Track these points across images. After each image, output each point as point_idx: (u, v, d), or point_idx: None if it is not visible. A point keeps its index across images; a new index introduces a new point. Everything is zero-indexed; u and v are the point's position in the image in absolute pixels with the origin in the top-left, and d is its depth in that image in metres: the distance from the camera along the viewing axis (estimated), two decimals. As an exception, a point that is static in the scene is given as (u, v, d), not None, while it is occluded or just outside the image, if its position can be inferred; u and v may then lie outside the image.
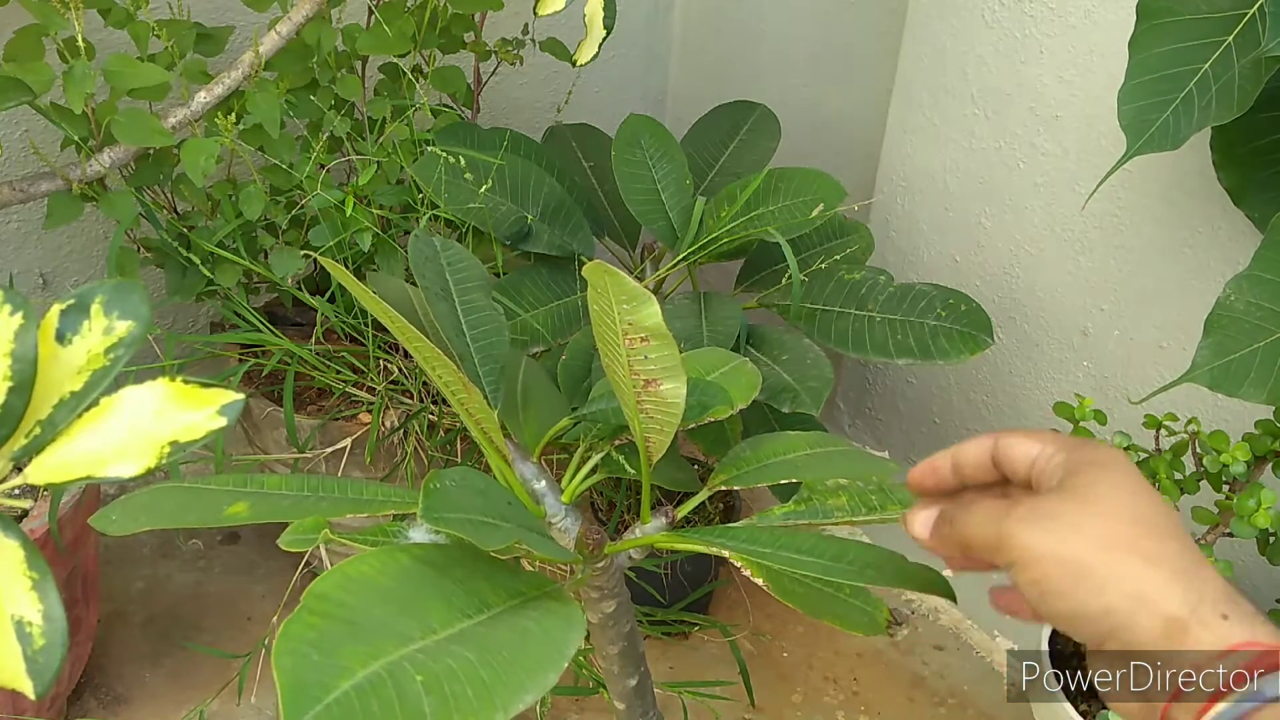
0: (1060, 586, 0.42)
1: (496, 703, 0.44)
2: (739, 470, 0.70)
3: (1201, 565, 0.42)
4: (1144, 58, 0.89)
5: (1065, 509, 0.44)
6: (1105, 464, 0.46)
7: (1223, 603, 0.41)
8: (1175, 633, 0.41)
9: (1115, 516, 0.43)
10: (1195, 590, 0.41)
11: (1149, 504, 0.44)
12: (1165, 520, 0.44)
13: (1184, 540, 0.43)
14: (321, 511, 0.60)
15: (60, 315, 0.51)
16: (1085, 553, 0.42)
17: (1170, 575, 0.42)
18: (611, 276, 0.53)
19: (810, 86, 1.54)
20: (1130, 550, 0.42)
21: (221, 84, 1.08)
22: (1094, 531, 0.43)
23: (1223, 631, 0.40)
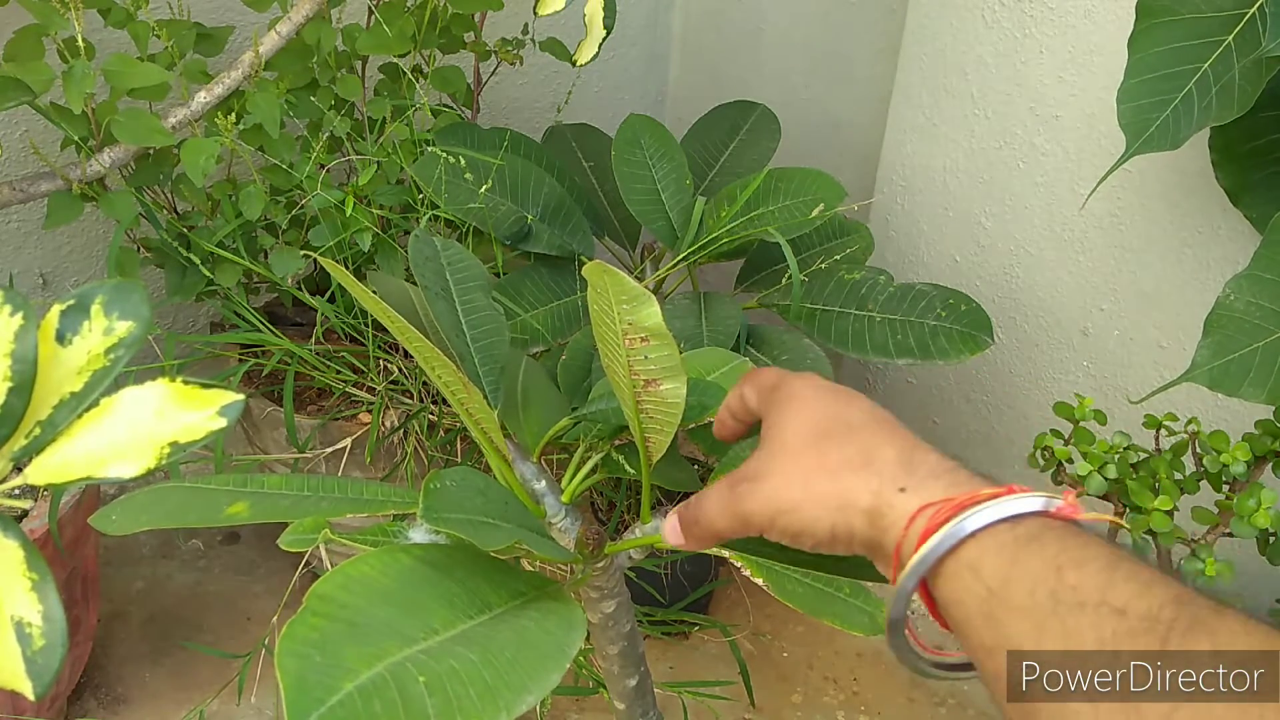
0: (798, 530, 0.47)
1: (500, 703, 0.44)
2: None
3: (876, 450, 0.46)
4: (1143, 57, 0.89)
5: (765, 464, 0.49)
6: (786, 397, 0.51)
7: (900, 476, 0.45)
8: (876, 521, 0.45)
9: (799, 448, 0.48)
10: (874, 477, 0.45)
11: (824, 415, 0.49)
12: (839, 424, 0.48)
13: (858, 434, 0.48)
14: (321, 511, 0.60)
15: (60, 315, 0.51)
16: (792, 494, 0.47)
17: (855, 475, 0.46)
18: (611, 276, 0.53)
19: (810, 86, 1.54)
20: (819, 471, 0.47)
21: (221, 84, 1.08)
22: (790, 471, 0.48)
23: (903, 505, 0.44)
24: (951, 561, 0.42)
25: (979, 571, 0.42)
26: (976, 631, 0.42)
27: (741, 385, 0.56)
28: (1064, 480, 1.00)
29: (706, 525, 0.51)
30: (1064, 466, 1.00)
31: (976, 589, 0.42)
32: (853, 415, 0.49)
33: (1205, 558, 0.94)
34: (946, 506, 0.43)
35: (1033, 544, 0.41)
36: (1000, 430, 1.39)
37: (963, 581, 0.42)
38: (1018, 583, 0.40)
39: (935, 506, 0.43)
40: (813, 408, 0.50)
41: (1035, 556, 0.40)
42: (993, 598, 0.41)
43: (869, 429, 0.48)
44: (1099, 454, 0.97)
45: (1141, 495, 0.95)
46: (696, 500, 0.52)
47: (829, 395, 0.51)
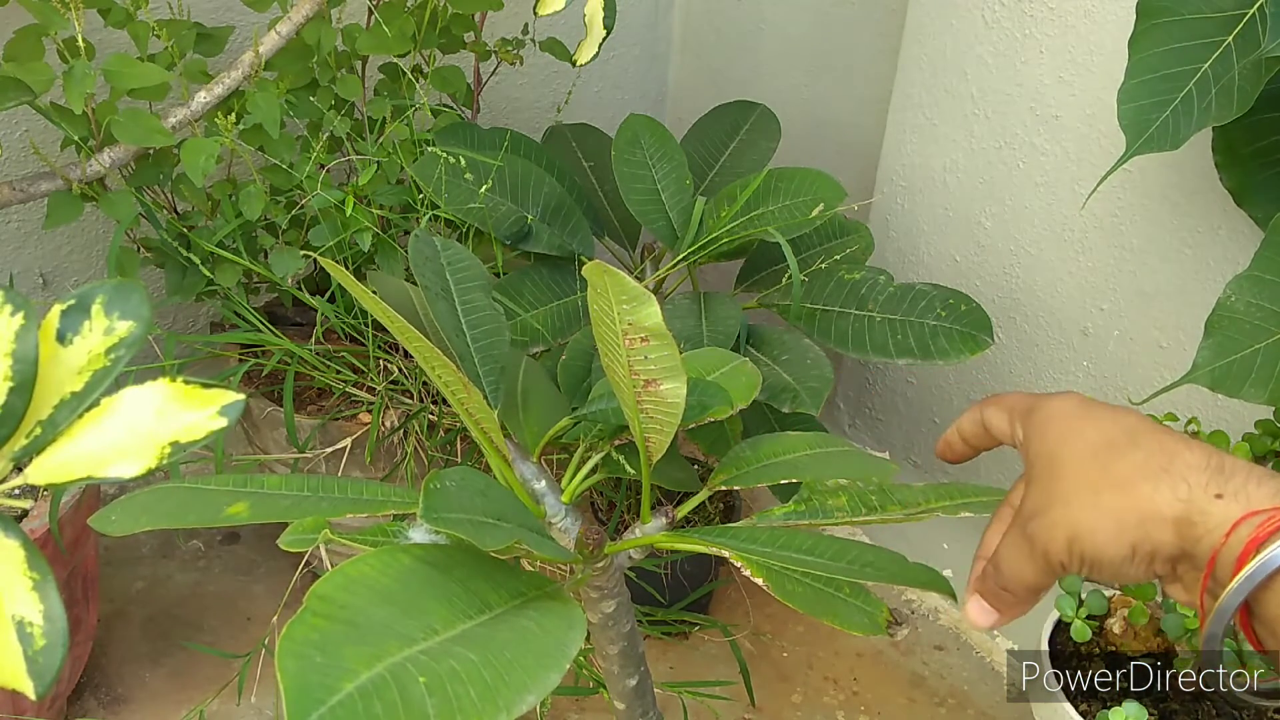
0: (1095, 556, 0.43)
1: (500, 703, 0.44)
2: (739, 470, 0.70)
3: (1175, 455, 0.42)
4: (1144, 57, 0.89)
5: (1046, 493, 0.45)
6: (1047, 419, 0.47)
7: (1213, 483, 0.41)
8: (1186, 531, 0.41)
9: (1079, 466, 0.44)
10: (1181, 483, 0.41)
11: (1100, 428, 0.45)
12: (1119, 434, 0.44)
13: (1145, 440, 0.44)
14: (321, 511, 0.60)
15: (61, 315, 0.51)
16: (1084, 516, 0.43)
17: (1154, 482, 0.42)
18: (611, 276, 0.53)
19: (810, 86, 1.54)
20: (1109, 484, 0.43)
21: (221, 84, 1.08)
22: (1075, 493, 0.43)
23: (1221, 512, 0.40)
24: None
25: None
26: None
27: (983, 408, 0.52)
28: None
29: (1017, 584, 0.46)
30: (1064, 466, 1.00)
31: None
32: (1133, 422, 0.45)
33: (1205, 558, 0.94)
34: (1277, 515, 0.39)
35: None
36: (1000, 430, 1.39)
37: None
38: None
39: (1265, 514, 0.39)
40: (1085, 423, 0.45)
41: None
42: None
43: (1155, 434, 0.44)
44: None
45: (1141, 495, 0.94)
46: (993, 565, 0.47)
47: (1098, 408, 0.46)
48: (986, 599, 0.48)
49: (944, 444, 0.55)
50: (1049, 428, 0.47)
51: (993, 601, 0.48)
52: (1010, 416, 0.50)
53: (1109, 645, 1.03)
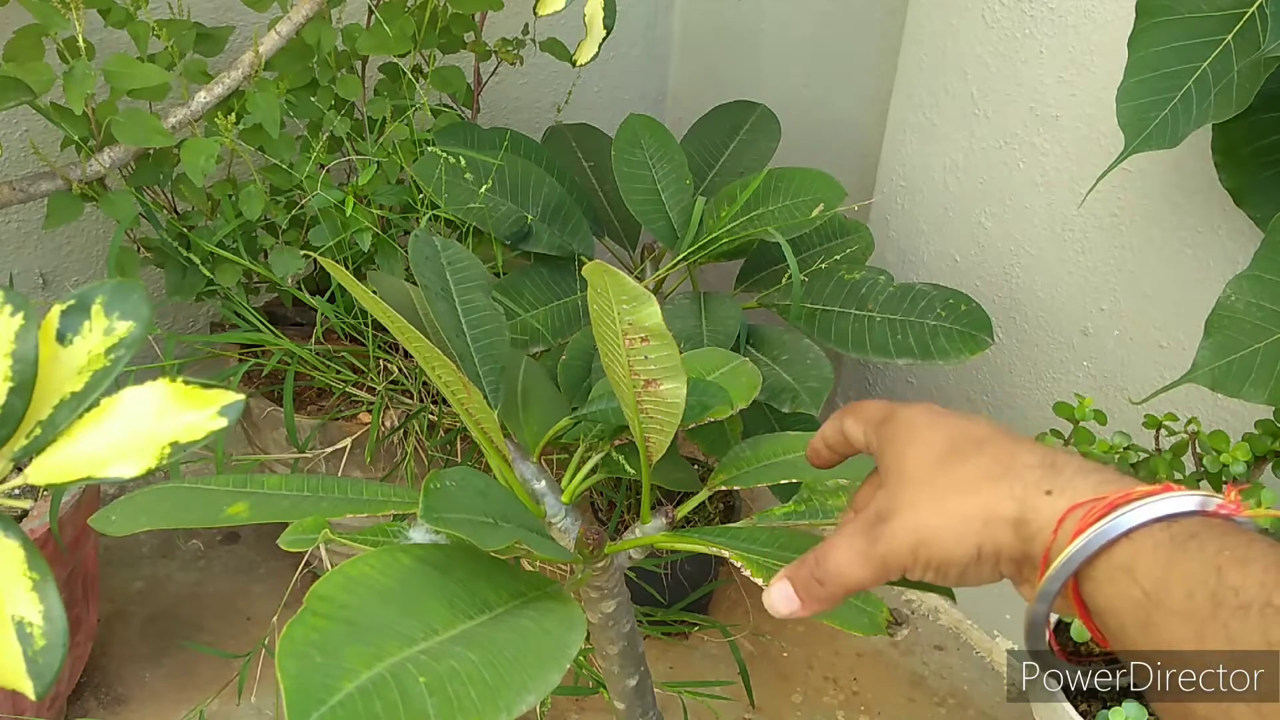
0: (942, 559, 0.44)
1: (500, 703, 0.44)
2: (739, 470, 0.70)
3: (1015, 456, 0.44)
4: (1143, 56, 0.89)
5: (894, 498, 0.46)
6: (902, 428, 0.48)
7: (1044, 479, 0.42)
8: (1022, 530, 0.42)
9: (927, 473, 0.45)
10: (1017, 482, 0.43)
11: (947, 436, 0.46)
12: (966, 440, 0.46)
13: (988, 445, 0.45)
14: (321, 511, 0.60)
15: (61, 315, 0.51)
16: (930, 521, 0.44)
17: (994, 485, 0.43)
18: (611, 276, 0.53)
19: (810, 86, 1.54)
20: (954, 490, 0.44)
21: (221, 84, 1.08)
22: (922, 498, 0.44)
23: (1050, 508, 0.42)
24: (1104, 564, 0.40)
25: (1134, 573, 0.39)
26: (1132, 637, 0.40)
27: (842, 417, 0.53)
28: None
29: (836, 580, 0.46)
30: (1064, 466, 1.00)
31: (1131, 592, 0.39)
32: (978, 430, 0.46)
33: (1205, 558, 0.94)
34: (1098, 506, 0.40)
35: (1191, 543, 0.38)
36: (1000, 430, 1.39)
37: (1116, 585, 0.40)
38: (1176, 585, 0.38)
39: (1085, 506, 0.41)
40: (933, 432, 0.47)
41: (1194, 557, 0.38)
42: (1149, 601, 0.38)
43: (1000, 439, 0.45)
44: (1099, 454, 0.97)
45: (1141, 495, 0.94)
46: (817, 556, 0.47)
47: (948, 417, 0.48)
48: (796, 586, 0.48)
49: (811, 451, 0.56)
50: (899, 435, 0.48)
51: (802, 591, 0.48)
52: (865, 426, 0.51)
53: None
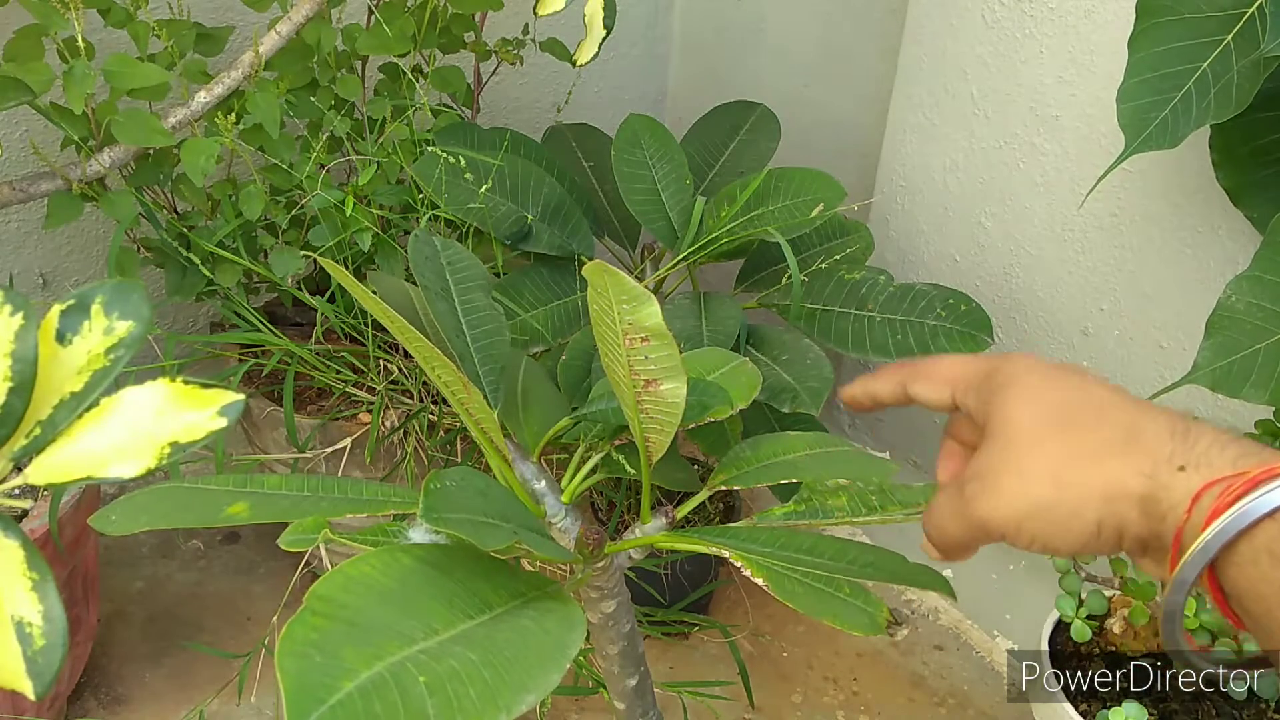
0: (1050, 534, 0.41)
1: (500, 703, 0.44)
2: (739, 470, 0.70)
3: (1141, 427, 0.41)
4: (1143, 56, 0.89)
5: (1001, 461, 0.42)
6: (1009, 383, 0.44)
7: (1177, 453, 0.39)
8: (1152, 509, 0.39)
9: (1040, 436, 0.42)
10: (1146, 458, 0.40)
11: (1064, 397, 0.43)
12: (1086, 405, 0.42)
13: (1111, 412, 0.42)
14: (321, 511, 0.60)
15: (60, 315, 0.51)
16: (1043, 493, 0.41)
17: (1119, 458, 0.40)
18: (611, 276, 0.53)
19: (810, 86, 1.54)
20: (1073, 459, 0.41)
21: (221, 84, 1.08)
22: (1034, 464, 0.41)
23: (1184, 484, 0.39)
24: (1245, 546, 0.37)
25: (1278, 555, 0.36)
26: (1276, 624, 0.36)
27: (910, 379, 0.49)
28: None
29: (942, 537, 0.45)
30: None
31: (1276, 577, 0.36)
32: (1098, 392, 0.42)
33: (1205, 558, 0.94)
34: (1238, 482, 0.37)
35: None
36: (1000, 430, 1.39)
37: (1260, 568, 0.36)
38: None
39: (1224, 483, 0.37)
40: (1048, 392, 0.43)
41: None
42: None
43: (1123, 404, 0.42)
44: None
45: (1141, 495, 0.95)
46: (929, 510, 0.46)
47: (1062, 373, 0.44)
48: (928, 538, 0.46)
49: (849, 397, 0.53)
50: (1008, 391, 0.44)
51: (932, 542, 0.46)
52: (953, 388, 0.47)
53: (1109, 645, 1.03)
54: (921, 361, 0.50)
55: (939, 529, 0.45)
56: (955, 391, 0.47)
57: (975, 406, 0.46)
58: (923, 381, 0.48)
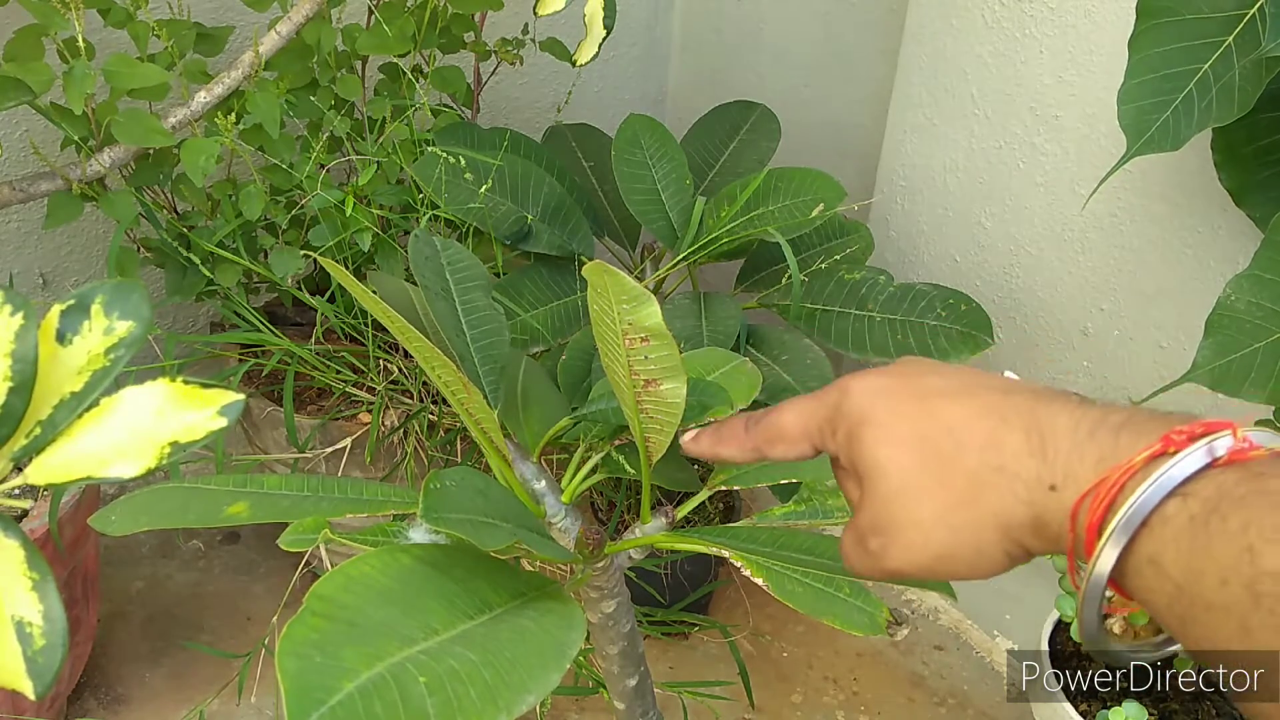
0: (966, 571, 0.41)
1: (500, 703, 0.44)
2: (739, 470, 0.70)
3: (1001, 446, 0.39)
4: (1144, 57, 0.89)
5: (892, 515, 0.42)
6: (861, 422, 0.43)
7: (1042, 472, 0.38)
8: (1042, 531, 0.39)
9: (916, 485, 0.41)
10: (1018, 483, 0.39)
11: (916, 434, 0.42)
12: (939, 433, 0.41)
13: (967, 437, 0.40)
14: (321, 511, 0.60)
15: (60, 315, 0.51)
16: (943, 539, 0.41)
17: (993, 490, 0.39)
18: (611, 276, 0.53)
19: (810, 86, 1.54)
20: (955, 504, 0.40)
21: (221, 84, 1.08)
22: (922, 516, 0.41)
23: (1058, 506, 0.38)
24: (1131, 559, 0.36)
25: (1160, 565, 0.35)
26: (1176, 632, 0.36)
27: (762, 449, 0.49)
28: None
29: (865, 576, 0.45)
30: (1064, 466, 1.00)
31: (1163, 587, 0.35)
32: (945, 415, 0.41)
33: (1205, 558, 0.94)
34: (1102, 494, 0.36)
35: (1213, 522, 0.34)
36: (1000, 430, 1.39)
37: (1145, 580, 0.36)
38: (1207, 575, 0.34)
39: (1089, 496, 0.37)
40: (898, 423, 0.42)
41: (1219, 539, 0.34)
42: (1182, 596, 0.35)
43: (971, 417, 0.41)
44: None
45: (1141, 495, 0.94)
46: (843, 551, 0.46)
47: (903, 393, 0.43)
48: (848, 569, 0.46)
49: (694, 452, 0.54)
50: (864, 434, 0.43)
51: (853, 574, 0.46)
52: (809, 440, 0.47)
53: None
54: (765, 423, 0.49)
55: (854, 570, 0.45)
56: (813, 443, 0.47)
57: (837, 453, 0.45)
58: (779, 445, 0.48)
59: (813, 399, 0.47)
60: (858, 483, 0.44)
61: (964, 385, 0.43)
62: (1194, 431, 0.36)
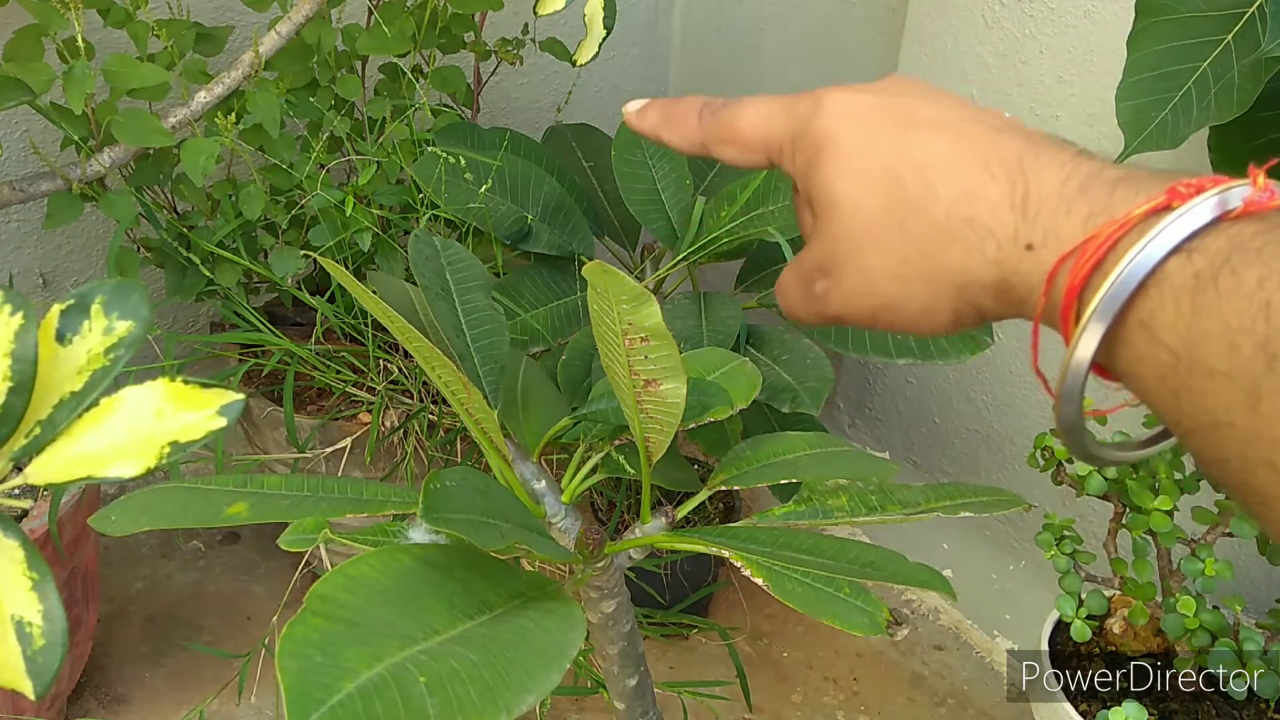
0: (907, 324, 0.37)
1: (500, 703, 0.44)
2: (739, 470, 0.70)
3: (976, 196, 0.34)
4: (1142, 55, 0.89)
5: (842, 255, 0.38)
6: (825, 145, 0.38)
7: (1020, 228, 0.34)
8: (1007, 296, 0.35)
9: (871, 225, 0.36)
10: (989, 239, 0.34)
11: (886, 171, 0.36)
12: (910, 173, 0.36)
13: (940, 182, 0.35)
14: (321, 511, 0.60)
15: (60, 315, 0.51)
16: (891, 289, 0.37)
17: (960, 245, 0.35)
18: (611, 276, 0.53)
19: (810, 86, 1.54)
20: (912, 255, 0.36)
21: (221, 84, 1.08)
22: (873, 261, 0.37)
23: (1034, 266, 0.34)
24: (1118, 325, 0.32)
25: (1154, 331, 0.31)
26: (1168, 409, 0.32)
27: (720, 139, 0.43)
28: (1063, 481, 1.00)
29: (794, 317, 0.41)
30: (1064, 466, 1.00)
31: (1157, 355, 0.31)
32: (920, 145, 0.36)
33: (1205, 558, 0.94)
34: (1089, 254, 0.31)
35: (1223, 276, 0.29)
36: (1000, 430, 1.39)
37: (1135, 348, 0.32)
38: (1212, 338, 0.29)
39: (1074, 256, 0.32)
40: (867, 156, 0.37)
41: (1229, 297, 0.29)
42: (1179, 365, 0.30)
43: (950, 160, 0.35)
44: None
45: (1141, 495, 0.95)
46: (779, 289, 0.42)
47: (880, 120, 0.38)
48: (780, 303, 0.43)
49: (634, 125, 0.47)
50: (826, 159, 0.38)
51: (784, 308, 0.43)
52: (766, 151, 0.41)
53: (1109, 645, 1.03)
54: (721, 117, 0.43)
55: (791, 312, 0.42)
56: (770, 154, 0.42)
57: (794, 172, 0.40)
58: (729, 147, 0.43)
59: (781, 103, 0.42)
60: (812, 214, 0.40)
61: (952, 119, 0.37)
62: (1203, 185, 0.31)
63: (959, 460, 1.46)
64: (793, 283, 0.41)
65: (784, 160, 0.41)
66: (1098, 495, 0.98)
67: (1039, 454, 1.01)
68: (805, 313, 0.41)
